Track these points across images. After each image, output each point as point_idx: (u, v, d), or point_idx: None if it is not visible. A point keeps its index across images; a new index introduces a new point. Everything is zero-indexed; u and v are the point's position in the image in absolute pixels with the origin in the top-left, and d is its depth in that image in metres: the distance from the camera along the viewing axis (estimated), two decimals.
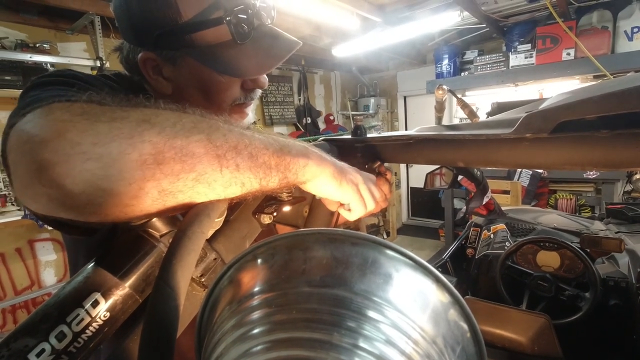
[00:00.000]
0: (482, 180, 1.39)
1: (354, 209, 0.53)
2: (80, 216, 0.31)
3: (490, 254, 1.84)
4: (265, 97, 4.68)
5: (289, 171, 0.42)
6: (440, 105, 1.01)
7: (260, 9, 0.59)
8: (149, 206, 0.33)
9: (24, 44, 2.55)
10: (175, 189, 0.33)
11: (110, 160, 0.29)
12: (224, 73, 0.58)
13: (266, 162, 0.39)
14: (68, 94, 0.34)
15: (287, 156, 0.42)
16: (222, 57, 0.57)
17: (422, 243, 5.23)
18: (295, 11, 2.72)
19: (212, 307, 0.32)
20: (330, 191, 0.49)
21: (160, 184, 0.32)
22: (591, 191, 3.78)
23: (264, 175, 0.39)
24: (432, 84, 4.20)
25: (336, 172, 0.48)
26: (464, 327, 0.28)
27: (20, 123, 0.31)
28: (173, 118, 0.34)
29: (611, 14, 3.16)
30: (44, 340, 0.32)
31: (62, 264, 2.99)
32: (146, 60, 0.58)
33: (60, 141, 0.28)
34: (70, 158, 0.28)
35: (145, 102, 0.35)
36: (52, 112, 0.31)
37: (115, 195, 0.30)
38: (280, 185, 0.42)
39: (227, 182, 0.36)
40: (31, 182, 0.30)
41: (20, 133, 0.31)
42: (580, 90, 0.54)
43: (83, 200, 0.29)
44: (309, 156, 0.45)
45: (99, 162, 0.29)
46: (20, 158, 0.30)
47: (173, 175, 0.32)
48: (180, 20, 0.54)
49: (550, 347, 1.19)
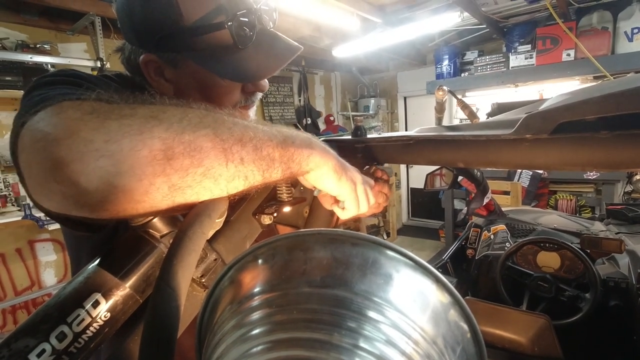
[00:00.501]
0: (482, 181, 1.39)
1: (347, 207, 0.53)
2: (92, 213, 0.31)
3: (491, 255, 1.84)
4: (266, 98, 4.68)
5: (293, 162, 0.42)
6: (441, 106, 1.01)
7: (262, 12, 0.59)
8: (159, 202, 0.33)
9: (24, 45, 2.56)
10: (184, 184, 0.33)
11: (122, 157, 0.29)
12: (225, 77, 0.59)
13: (270, 154, 0.39)
14: (77, 92, 0.34)
15: (291, 147, 0.42)
16: (223, 61, 0.57)
17: (422, 244, 5.23)
18: (296, 12, 2.72)
19: (213, 308, 0.32)
20: (329, 184, 0.49)
21: (170, 179, 0.32)
22: (591, 192, 3.78)
23: (267, 167, 0.39)
24: (432, 84, 4.20)
25: (337, 166, 0.48)
26: (464, 327, 0.28)
27: (32, 121, 0.31)
28: (179, 114, 0.34)
29: (611, 15, 3.16)
30: (45, 341, 0.32)
31: (62, 264, 2.99)
32: (148, 62, 0.59)
33: (74, 139, 0.29)
34: (84, 156, 0.29)
35: (151, 98, 0.35)
36: (64, 111, 0.31)
37: (127, 191, 0.30)
38: (283, 176, 0.42)
39: (231, 176, 0.36)
40: (46, 180, 0.30)
41: (34, 131, 0.31)
42: (580, 91, 0.54)
43: (96, 197, 0.30)
44: (313, 147, 0.45)
45: (111, 159, 0.29)
46: (34, 156, 0.30)
47: (182, 170, 0.32)
48: (183, 23, 0.54)
49: (551, 347, 1.19)
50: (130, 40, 0.60)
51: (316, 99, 5.48)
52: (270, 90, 4.71)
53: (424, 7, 3.24)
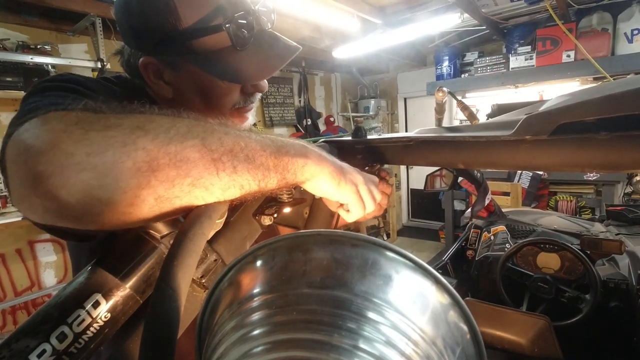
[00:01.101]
0: (482, 182, 1.40)
1: (352, 210, 0.53)
2: (78, 225, 0.31)
3: (491, 256, 1.84)
4: (266, 99, 4.68)
5: (287, 172, 0.42)
6: (441, 107, 1.01)
7: (260, 13, 0.59)
8: (147, 213, 0.33)
9: (25, 46, 2.56)
10: (171, 195, 0.33)
11: (105, 170, 0.29)
12: (224, 79, 0.59)
13: (264, 164, 0.39)
14: (65, 101, 0.34)
15: (285, 157, 0.42)
16: (222, 63, 0.57)
17: (422, 244, 5.22)
18: (296, 13, 2.73)
19: (213, 309, 0.32)
20: (328, 191, 0.49)
21: (156, 190, 0.32)
22: (591, 193, 3.77)
23: (262, 177, 0.39)
24: (432, 85, 4.20)
25: (335, 172, 0.48)
26: (464, 328, 0.28)
27: (17, 133, 0.31)
28: (167, 124, 0.33)
29: (611, 16, 3.16)
30: (45, 341, 0.32)
31: (63, 265, 2.99)
32: (147, 64, 0.59)
33: (54, 152, 0.28)
34: (64, 169, 0.28)
35: (140, 107, 0.35)
36: (48, 122, 0.31)
37: (112, 204, 0.30)
38: (279, 185, 0.42)
39: (225, 185, 0.36)
40: (27, 194, 0.30)
41: (18, 143, 0.31)
42: (580, 93, 0.54)
43: (79, 210, 0.29)
44: (308, 156, 0.45)
45: (93, 172, 0.29)
46: (16, 169, 0.30)
47: (168, 181, 0.32)
48: (181, 26, 0.54)
49: (551, 348, 1.19)
50: (129, 43, 0.60)
51: (316, 99, 5.49)
52: (270, 91, 4.71)
53: (424, 8, 3.24)
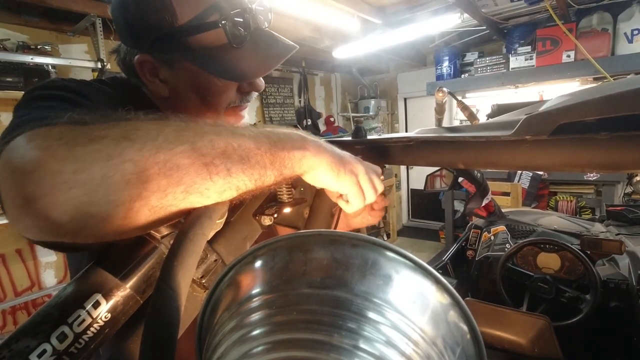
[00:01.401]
0: (482, 182, 1.40)
1: (352, 200, 0.52)
2: (76, 240, 0.31)
3: (491, 256, 1.84)
4: (266, 99, 4.68)
5: (284, 167, 0.41)
6: (441, 107, 1.01)
7: (257, 12, 0.59)
8: (143, 222, 0.32)
9: (25, 46, 2.56)
10: (165, 204, 0.32)
11: (93, 186, 0.29)
12: (220, 77, 0.58)
13: (259, 162, 0.38)
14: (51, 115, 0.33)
15: (282, 152, 0.41)
16: (218, 61, 0.57)
17: (422, 245, 5.22)
18: (296, 13, 2.72)
19: (213, 309, 0.32)
20: (327, 182, 0.48)
21: (148, 201, 0.31)
22: (591, 193, 3.77)
23: (258, 175, 0.38)
24: (432, 85, 4.20)
25: (334, 163, 0.47)
26: (464, 328, 0.28)
27: (5, 152, 0.31)
28: (154, 131, 0.33)
29: (611, 16, 3.16)
30: (45, 341, 0.32)
31: (63, 265, 2.99)
32: (143, 62, 0.58)
33: (41, 173, 0.28)
34: (53, 189, 0.28)
35: (126, 115, 0.34)
36: (33, 140, 0.30)
37: (106, 219, 0.30)
38: (277, 181, 0.41)
39: (220, 189, 0.35)
40: (19, 215, 0.29)
41: (6, 164, 0.30)
42: (580, 93, 0.54)
43: (74, 226, 0.29)
44: (306, 147, 0.44)
45: (82, 189, 0.28)
46: (7, 191, 0.30)
47: (160, 191, 0.31)
48: (177, 23, 0.54)
49: (551, 349, 1.19)
50: (125, 41, 0.60)
51: (316, 100, 5.49)
52: (270, 92, 4.71)
53: (424, 8, 3.24)
